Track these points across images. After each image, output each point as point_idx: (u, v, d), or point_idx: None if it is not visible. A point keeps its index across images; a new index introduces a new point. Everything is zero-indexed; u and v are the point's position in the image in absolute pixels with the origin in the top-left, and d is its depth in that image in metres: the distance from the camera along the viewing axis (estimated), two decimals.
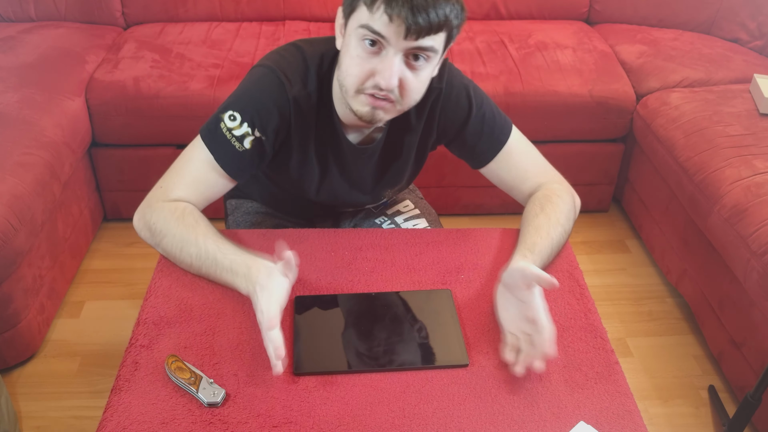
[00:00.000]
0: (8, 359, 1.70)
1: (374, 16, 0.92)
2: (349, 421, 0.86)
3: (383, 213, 1.37)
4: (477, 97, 1.15)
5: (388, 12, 0.90)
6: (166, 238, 1.04)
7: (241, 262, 0.99)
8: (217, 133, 1.06)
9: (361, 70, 0.97)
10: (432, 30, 0.92)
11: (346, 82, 1.00)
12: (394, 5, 0.90)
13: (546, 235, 1.08)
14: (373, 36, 0.93)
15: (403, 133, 1.14)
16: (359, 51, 0.96)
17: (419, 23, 0.91)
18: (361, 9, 0.94)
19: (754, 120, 1.90)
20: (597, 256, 2.21)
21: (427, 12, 0.90)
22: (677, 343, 1.90)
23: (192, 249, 1.02)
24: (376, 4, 0.91)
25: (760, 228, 1.56)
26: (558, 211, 1.12)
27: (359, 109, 1.00)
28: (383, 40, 0.93)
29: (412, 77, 0.98)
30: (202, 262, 1.02)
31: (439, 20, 0.92)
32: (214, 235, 1.03)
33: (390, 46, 0.94)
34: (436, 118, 1.14)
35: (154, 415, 0.86)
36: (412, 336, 0.97)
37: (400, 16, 0.90)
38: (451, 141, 1.19)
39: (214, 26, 2.35)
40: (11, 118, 1.81)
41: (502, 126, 1.17)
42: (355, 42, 0.96)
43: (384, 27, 0.92)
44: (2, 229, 1.52)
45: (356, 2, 0.95)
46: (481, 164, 1.20)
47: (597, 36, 2.40)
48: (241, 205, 1.38)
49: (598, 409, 0.89)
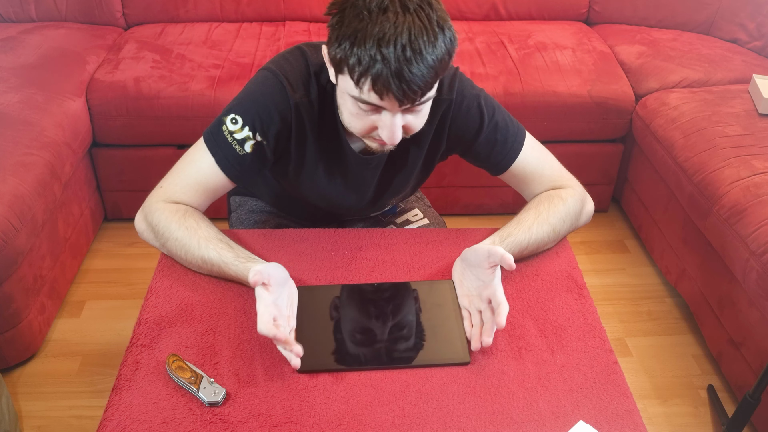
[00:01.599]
0: (9, 359, 1.70)
1: (363, 92, 0.90)
2: (350, 421, 0.86)
3: (392, 222, 1.36)
4: (488, 106, 1.13)
5: (377, 91, 0.88)
6: (169, 241, 1.04)
7: (242, 272, 1.00)
8: (219, 136, 1.06)
9: (362, 125, 0.97)
10: (426, 91, 0.90)
11: (350, 129, 1.00)
12: (381, 84, 0.87)
13: (527, 228, 1.09)
14: (367, 106, 0.93)
15: (410, 143, 1.12)
16: (356, 110, 0.95)
17: (411, 94, 0.88)
18: (346, 77, 0.91)
19: (753, 120, 1.90)
20: (596, 256, 2.22)
21: (415, 81, 0.87)
22: (676, 343, 1.90)
23: (195, 254, 1.03)
24: (364, 83, 0.89)
25: (759, 228, 1.56)
26: (551, 211, 1.11)
27: (370, 144, 1.02)
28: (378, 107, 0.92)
29: (414, 119, 0.97)
30: (210, 268, 1.03)
31: (430, 79, 0.89)
32: (215, 240, 1.03)
33: (386, 111, 0.93)
34: (446, 129, 1.13)
35: (155, 414, 0.86)
36: (414, 333, 0.98)
37: (390, 92, 0.88)
38: (464, 151, 1.18)
39: (215, 27, 2.36)
40: (12, 118, 1.81)
41: (515, 134, 1.16)
42: (350, 103, 0.95)
43: (376, 101, 0.90)
44: (3, 228, 1.53)
45: (342, 68, 0.91)
46: (498, 172, 1.19)
47: (596, 36, 2.40)
48: (245, 203, 1.38)
49: (598, 409, 0.89)
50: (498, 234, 1.08)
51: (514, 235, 1.08)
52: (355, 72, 0.88)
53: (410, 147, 1.13)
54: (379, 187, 1.19)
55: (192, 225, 1.04)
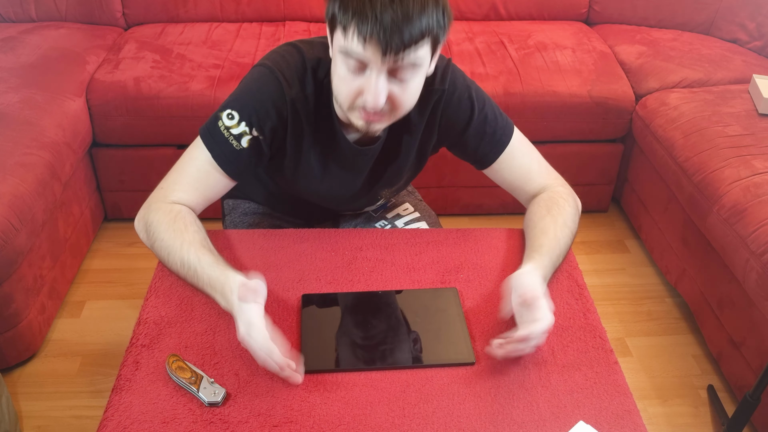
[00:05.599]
0: (9, 359, 1.70)
1: (349, 39, 0.92)
2: (350, 421, 0.86)
3: (383, 216, 1.37)
4: (479, 98, 1.15)
5: (362, 35, 0.90)
6: (156, 242, 1.04)
7: (216, 277, 0.98)
8: (215, 132, 1.06)
9: (348, 89, 0.97)
10: (410, 46, 0.91)
11: (338, 99, 1.01)
12: (365, 28, 0.89)
13: (553, 236, 1.09)
14: (352, 59, 0.94)
15: (403, 133, 1.14)
16: (344, 71, 0.96)
17: (395, 44, 0.89)
18: (338, 31, 0.94)
19: (753, 120, 1.90)
20: (596, 256, 2.22)
21: (400, 30, 0.89)
22: (676, 343, 1.90)
23: (176, 256, 1.02)
24: (350, 29, 0.91)
25: (759, 228, 1.56)
26: (564, 214, 1.12)
27: (355, 121, 1.02)
28: (363, 61, 0.93)
29: (400, 90, 0.97)
30: (186, 271, 1.02)
31: (416, 35, 0.90)
32: (197, 244, 1.02)
33: (371, 67, 0.93)
34: (438, 119, 1.14)
35: (155, 414, 0.86)
36: (419, 335, 0.98)
37: (373, 38, 0.89)
38: (453, 143, 1.19)
39: (215, 27, 2.36)
40: (12, 118, 1.81)
41: (504, 127, 1.17)
42: (339, 62, 0.96)
43: (360, 50, 0.91)
44: (3, 228, 1.53)
45: (334, 23, 0.94)
46: (484, 165, 1.20)
47: (596, 36, 2.40)
48: (238, 206, 1.39)
49: (598, 409, 0.89)
50: (531, 248, 1.07)
51: (546, 246, 1.07)
52: (344, 20, 0.91)
53: (403, 137, 1.14)
54: (373, 176, 1.20)
55: (180, 228, 1.03)
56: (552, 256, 1.07)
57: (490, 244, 1.17)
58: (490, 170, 1.20)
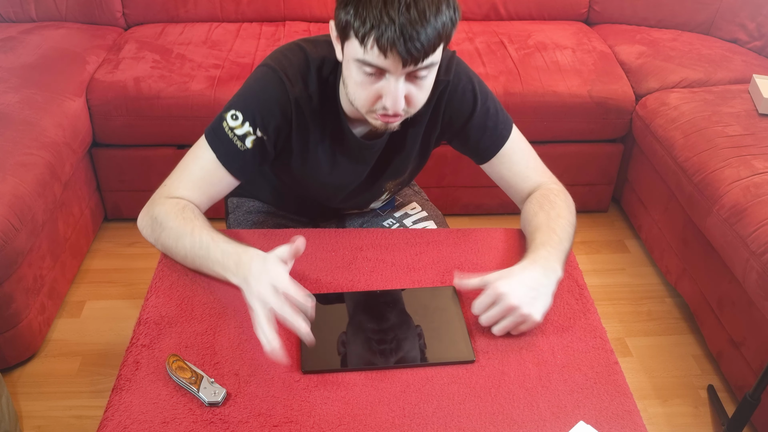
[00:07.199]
0: (9, 359, 1.70)
1: (368, 51, 0.91)
2: (350, 421, 0.86)
3: (391, 215, 1.37)
4: (482, 92, 1.16)
5: (382, 48, 0.90)
6: (165, 231, 1.04)
7: (232, 252, 0.99)
8: (219, 132, 1.07)
9: (367, 95, 0.98)
10: (429, 52, 0.92)
11: (355, 103, 1.01)
12: (385, 40, 0.89)
13: (547, 229, 1.08)
14: (371, 69, 0.94)
15: (409, 125, 1.14)
16: (361, 77, 0.96)
17: (415, 52, 0.90)
18: (353, 40, 0.93)
19: (753, 120, 1.90)
20: (596, 256, 2.22)
21: (419, 38, 0.89)
22: (676, 343, 1.90)
23: (186, 240, 1.02)
24: (368, 41, 0.90)
25: (759, 228, 1.56)
26: (557, 207, 1.12)
27: (373, 122, 1.02)
28: (383, 69, 0.93)
29: (417, 90, 0.98)
30: (196, 253, 1.02)
31: (434, 41, 0.91)
32: (209, 228, 1.04)
33: (390, 74, 0.94)
34: (442, 109, 1.15)
35: (155, 414, 0.86)
36: (418, 334, 0.98)
37: (393, 50, 0.89)
38: (455, 135, 1.19)
39: (215, 27, 2.36)
40: (12, 118, 1.81)
41: (504, 122, 1.18)
42: (355, 70, 0.96)
43: (380, 61, 0.92)
44: (3, 229, 1.53)
45: (347, 31, 0.93)
46: (484, 159, 1.20)
47: (596, 36, 2.40)
48: (242, 204, 1.39)
49: (598, 409, 0.89)
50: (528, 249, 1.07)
51: (538, 240, 1.07)
52: (361, 31, 0.90)
53: (408, 128, 1.15)
54: (378, 167, 1.20)
55: (189, 216, 1.04)
56: (550, 249, 1.05)
57: (491, 244, 1.17)
58: (489, 165, 1.20)
